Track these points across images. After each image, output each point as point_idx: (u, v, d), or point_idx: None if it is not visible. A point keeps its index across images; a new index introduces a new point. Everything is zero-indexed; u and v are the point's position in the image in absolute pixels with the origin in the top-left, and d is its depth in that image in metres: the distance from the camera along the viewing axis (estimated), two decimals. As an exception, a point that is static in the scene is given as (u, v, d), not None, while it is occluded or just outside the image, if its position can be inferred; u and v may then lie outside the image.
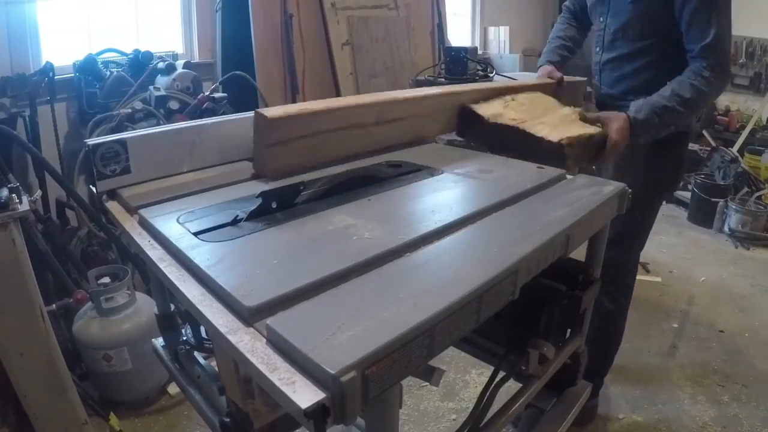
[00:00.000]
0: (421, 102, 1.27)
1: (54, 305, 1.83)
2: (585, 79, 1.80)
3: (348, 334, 0.48)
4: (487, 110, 1.30)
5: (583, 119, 1.35)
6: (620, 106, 1.44)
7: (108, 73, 2.42)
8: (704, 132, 5.13)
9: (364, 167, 1.06)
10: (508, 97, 1.38)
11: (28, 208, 1.32)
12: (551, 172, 1.03)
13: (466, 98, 1.35)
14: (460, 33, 5.23)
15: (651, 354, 2.29)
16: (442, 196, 0.89)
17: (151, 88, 2.42)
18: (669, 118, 1.36)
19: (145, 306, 1.86)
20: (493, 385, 0.94)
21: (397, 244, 0.67)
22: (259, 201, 0.79)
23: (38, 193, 1.81)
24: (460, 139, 1.43)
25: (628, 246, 1.64)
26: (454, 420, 1.87)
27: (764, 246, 3.46)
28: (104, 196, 0.91)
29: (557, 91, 1.58)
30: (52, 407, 1.48)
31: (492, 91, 1.41)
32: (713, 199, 3.72)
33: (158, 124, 2.20)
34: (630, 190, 0.98)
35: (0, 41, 2.19)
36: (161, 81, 2.50)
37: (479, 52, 4.94)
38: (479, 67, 3.03)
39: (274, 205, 0.79)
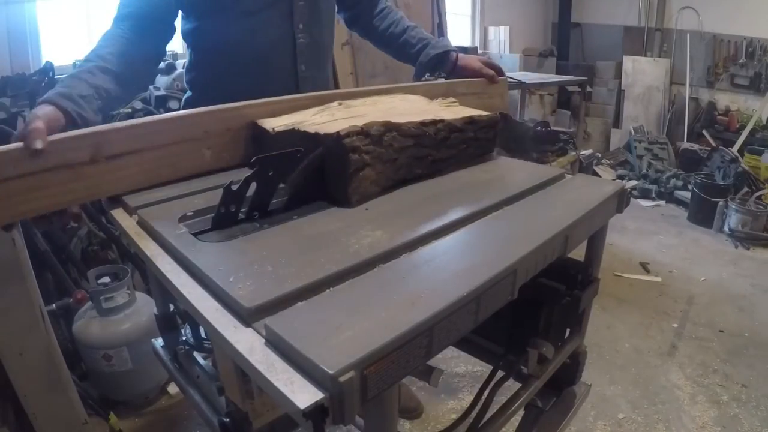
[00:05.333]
0: (170, 126, 0.87)
1: (54, 305, 1.83)
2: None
3: (346, 334, 0.48)
4: (282, 121, 0.93)
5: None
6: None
7: (108, 73, 2.42)
8: (704, 132, 5.14)
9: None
10: (333, 104, 1.03)
11: (27, 208, 1.32)
12: (550, 171, 1.03)
13: (255, 112, 0.96)
14: (460, 33, 5.23)
15: (651, 354, 2.29)
16: (440, 195, 0.89)
17: (151, 87, 2.42)
18: None
19: (145, 306, 1.86)
20: (492, 385, 0.94)
21: (396, 244, 0.67)
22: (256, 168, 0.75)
23: (38, 193, 1.81)
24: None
25: None
26: (454, 420, 1.87)
27: (764, 246, 3.46)
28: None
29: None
30: (52, 407, 1.49)
31: (313, 100, 1.04)
32: (713, 199, 3.72)
33: (158, 124, 2.19)
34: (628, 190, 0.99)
35: (0, 41, 2.19)
36: (161, 81, 2.50)
37: (479, 52, 4.96)
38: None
39: (271, 173, 0.77)
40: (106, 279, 1.86)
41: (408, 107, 1.08)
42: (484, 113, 1.06)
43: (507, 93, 1.50)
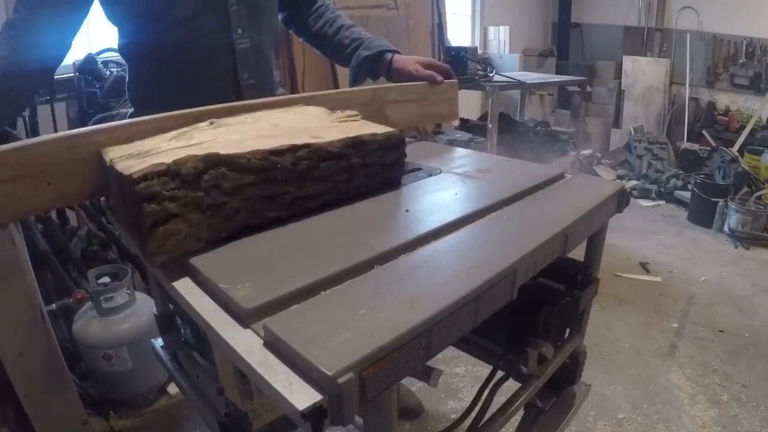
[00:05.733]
0: None
1: (54, 305, 1.83)
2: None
3: (345, 335, 0.48)
4: (127, 150, 0.74)
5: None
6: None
7: (108, 72, 2.42)
8: (704, 132, 5.14)
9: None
10: (204, 123, 0.85)
11: (27, 208, 1.32)
12: (550, 171, 1.03)
13: (106, 138, 0.78)
14: (460, 33, 5.23)
15: (651, 354, 2.29)
16: (440, 196, 0.89)
17: (150, 88, 2.42)
18: None
19: (145, 306, 1.86)
20: (491, 385, 0.94)
21: (395, 244, 0.67)
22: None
23: (38, 193, 1.81)
24: (460, 136, 1.07)
25: None
26: (454, 419, 1.87)
27: (764, 246, 3.46)
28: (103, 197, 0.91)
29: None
30: (52, 407, 1.49)
31: (184, 119, 0.85)
32: (713, 199, 3.72)
33: (158, 124, 2.19)
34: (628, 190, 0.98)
35: (0, 41, 2.19)
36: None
37: (479, 52, 4.95)
38: (479, 67, 3.03)
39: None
40: (106, 279, 1.86)
41: (293, 125, 0.87)
42: (381, 130, 0.85)
43: (456, 98, 1.30)
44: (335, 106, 1.00)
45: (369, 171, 0.85)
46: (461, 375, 2.11)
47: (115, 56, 2.51)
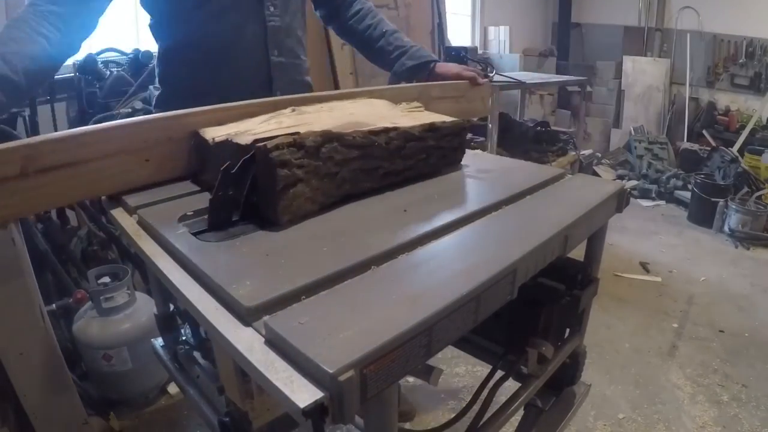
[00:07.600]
0: (105, 136, 0.81)
1: (54, 305, 1.83)
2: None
3: (346, 333, 0.48)
4: (224, 130, 0.86)
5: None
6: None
7: (108, 72, 2.42)
8: (704, 132, 5.14)
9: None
10: (286, 110, 0.97)
11: (27, 207, 1.32)
12: (550, 171, 1.03)
13: (199, 120, 0.90)
14: (460, 33, 5.23)
15: (651, 354, 2.29)
16: (439, 196, 0.89)
17: (151, 87, 2.42)
18: None
19: (145, 306, 1.86)
20: (491, 385, 0.94)
21: (395, 244, 0.68)
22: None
23: (38, 193, 1.81)
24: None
25: None
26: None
27: (764, 246, 3.46)
28: (104, 196, 0.91)
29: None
30: (52, 407, 1.49)
31: (266, 106, 0.98)
32: (713, 199, 3.72)
33: (158, 124, 2.19)
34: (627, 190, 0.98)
35: (0, 41, 2.19)
36: (161, 81, 2.50)
37: (479, 52, 4.96)
38: (479, 67, 3.03)
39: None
40: (106, 279, 1.86)
41: (367, 113, 0.99)
42: (448, 119, 0.99)
43: (489, 97, 1.46)
44: (390, 99, 1.14)
45: (440, 152, 0.98)
46: (461, 375, 2.11)
47: (115, 56, 2.51)
